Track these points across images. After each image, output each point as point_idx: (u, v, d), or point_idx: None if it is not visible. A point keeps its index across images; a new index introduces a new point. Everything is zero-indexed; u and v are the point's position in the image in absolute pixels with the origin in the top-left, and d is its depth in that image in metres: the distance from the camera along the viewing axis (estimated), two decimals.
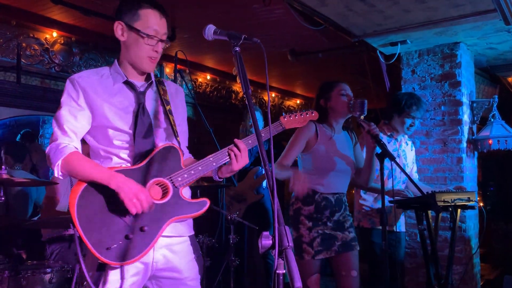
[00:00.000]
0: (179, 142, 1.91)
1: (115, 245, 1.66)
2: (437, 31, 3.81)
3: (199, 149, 2.16)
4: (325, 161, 2.79)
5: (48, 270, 2.73)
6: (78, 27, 4.08)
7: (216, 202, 4.22)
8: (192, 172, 1.82)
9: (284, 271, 1.17)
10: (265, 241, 1.20)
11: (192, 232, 1.97)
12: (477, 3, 3.26)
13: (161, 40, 1.86)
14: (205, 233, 3.73)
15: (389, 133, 3.51)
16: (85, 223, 1.65)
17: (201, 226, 4.06)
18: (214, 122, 5.44)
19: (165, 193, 1.81)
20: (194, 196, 1.88)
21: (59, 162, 1.72)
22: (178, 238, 1.89)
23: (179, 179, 1.81)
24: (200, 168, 1.83)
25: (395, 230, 3.42)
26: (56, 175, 1.73)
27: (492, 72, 5.20)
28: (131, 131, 1.83)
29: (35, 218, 4.16)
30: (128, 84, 1.90)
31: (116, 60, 1.95)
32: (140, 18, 1.83)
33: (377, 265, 3.26)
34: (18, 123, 5.20)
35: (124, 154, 1.83)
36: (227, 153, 1.83)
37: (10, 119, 4.08)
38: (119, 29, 1.86)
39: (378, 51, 4.29)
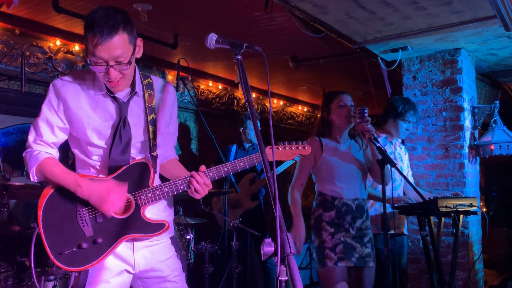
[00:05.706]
0: (155, 157, 1.87)
1: (67, 252, 1.73)
2: (437, 37, 3.82)
3: (200, 155, 2.17)
4: (335, 168, 2.78)
5: (51, 277, 2.74)
6: (80, 35, 4.09)
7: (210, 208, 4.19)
8: (158, 192, 1.80)
9: (287, 278, 1.17)
10: (268, 248, 1.21)
11: (172, 234, 2.00)
12: (477, 10, 3.28)
13: (111, 66, 1.66)
14: (208, 239, 3.72)
15: (384, 136, 3.53)
16: (47, 225, 1.74)
17: (203, 233, 4.07)
18: (216, 129, 5.47)
19: (127, 209, 1.79)
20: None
21: (34, 168, 1.79)
22: (158, 240, 1.89)
23: (143, 197, 1.79)
24: (166, 189, 1.81)
25: (403, 233, 3.42)
26: (32, 179, 1.80)
27: (493, 77, 5.21)
28: (106, 146, 1.82)
29: None
30: (110, 95, 1.83)
31: None
32: (87, 45, 1.67)
33: (381, 271, 3.26)
34: (22, 131, 5.22)
35: (100, 166, 1.85)
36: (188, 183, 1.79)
37: (13, 127, 4.10)
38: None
39: (379, 57, 4.31)
